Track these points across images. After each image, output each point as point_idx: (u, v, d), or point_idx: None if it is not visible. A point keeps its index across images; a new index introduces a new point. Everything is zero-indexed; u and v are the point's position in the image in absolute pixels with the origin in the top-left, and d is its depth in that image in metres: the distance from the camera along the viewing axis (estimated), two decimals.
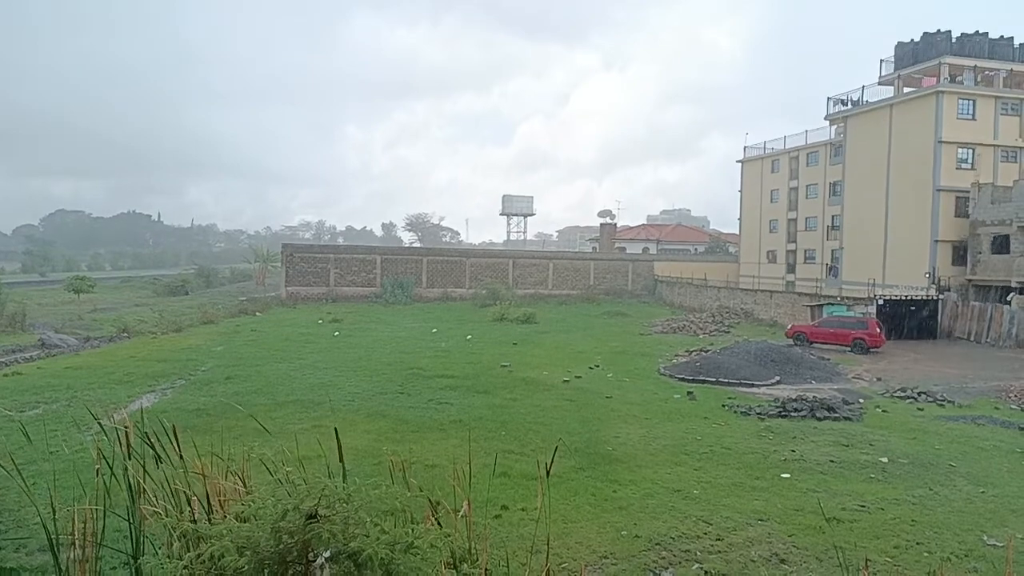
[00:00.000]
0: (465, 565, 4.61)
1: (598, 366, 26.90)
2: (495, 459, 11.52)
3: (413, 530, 4.04)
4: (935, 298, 38.44)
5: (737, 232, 75.12)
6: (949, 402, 21.38)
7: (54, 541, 5.89)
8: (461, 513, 5.90)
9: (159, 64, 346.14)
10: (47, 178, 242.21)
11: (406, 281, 58.19)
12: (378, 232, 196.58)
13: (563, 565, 8.65)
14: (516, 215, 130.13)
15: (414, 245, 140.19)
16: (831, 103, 51.83)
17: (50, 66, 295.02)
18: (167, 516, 5.81)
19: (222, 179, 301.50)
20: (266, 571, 3.65)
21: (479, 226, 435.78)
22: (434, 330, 38.34)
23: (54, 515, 5.99)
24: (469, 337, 35.26)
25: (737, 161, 71.51)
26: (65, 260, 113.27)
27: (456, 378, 23.05)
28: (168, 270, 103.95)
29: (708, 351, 29.93)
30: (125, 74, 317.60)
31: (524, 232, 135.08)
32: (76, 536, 5.71)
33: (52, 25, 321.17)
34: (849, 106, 50.43)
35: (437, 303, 56.46)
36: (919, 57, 45.53)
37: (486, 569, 5.46)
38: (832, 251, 55.52)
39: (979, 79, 44.74)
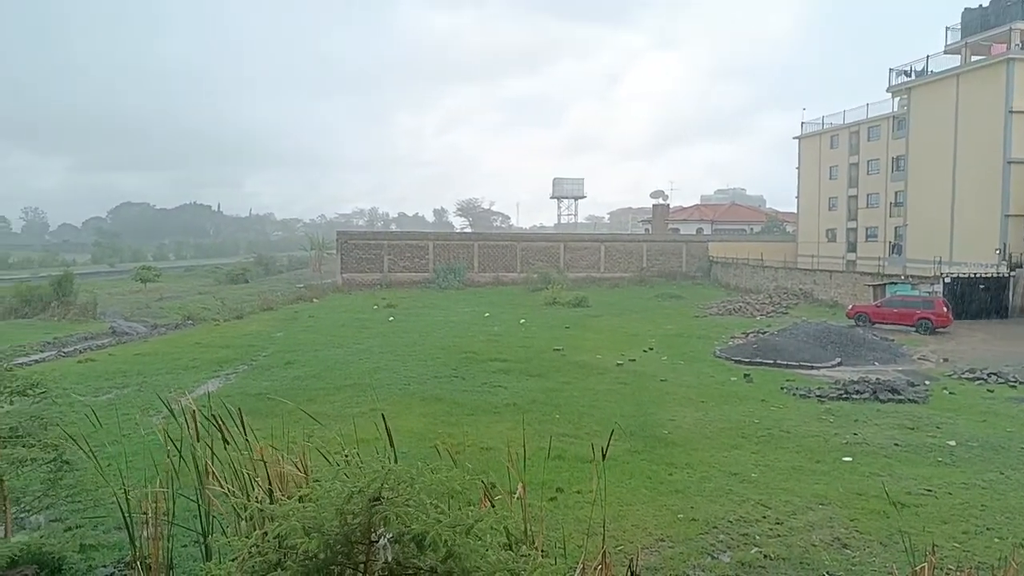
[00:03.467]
0: (523, 547, 4.65)
1: (652, 349, 26.68)
2: (549, 442, 11.55)
3: (471, 512, 4.09)
4: (1006, 275, 36.81)
5: (794, 211, 73.18)
6: (1021, 383, 20.52)
7: (128, 520, 6.17)
8: (516, 496, 5.94)
9: (212, 59, 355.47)
10: (113, 172, 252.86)
11: (458, 266, 58.60)
12: (430, 218, 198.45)
13: (619, 548, 8.64)
14: (567, 198, 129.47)
15: (465, 230, 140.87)
16: (893, 74, 49.80)
17: (111, 65, 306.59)
18: (233, 497, 6.02)
19: (277, 169, 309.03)
20: (330, 550, 3.76)
21: (529, 210, 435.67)
22: (486, 314, 38.54)
23: (127, 495, 6.27)
24: (523, 321, 35.34)
25: (794, 138, 69.57)
26: (132, 251, 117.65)
27: (509, 362, 23.16)
28: (228, 259, 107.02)
29: (765, 333, 29.37)
30: (181, 71, 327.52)
31: (575, 215, 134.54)
32: (149, 515, 5.96)
33: (110, 25, 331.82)
34: (912, 77, 48.39)
35: (489, 288, 56.72)
36: (988, 23, 43.35)
37: (542, 551, 5.50)
38: (895, 228, 53.65)
39: None
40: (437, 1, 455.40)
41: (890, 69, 49.95)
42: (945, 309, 31.82)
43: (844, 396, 18.36)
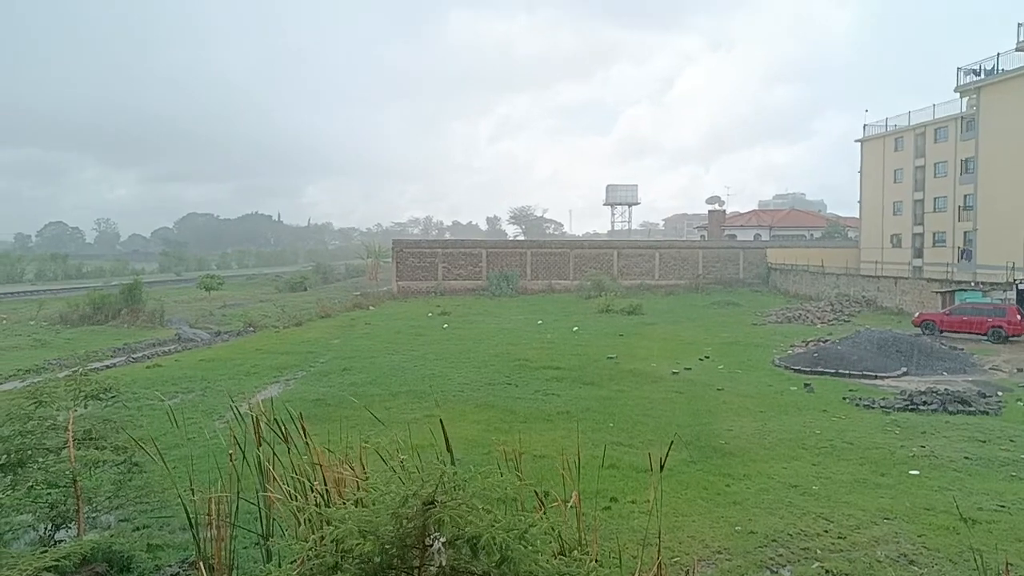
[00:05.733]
0: (576, 553, 4.64)
1: (708, 357, 26.23)
2: (603, 451, 11.47)
3: (524, 517, 4.11)
4: None
5: (857, 216, 71.18)
6: None
7: (193, 521, 6.37)
8: (570, 504, 5.92)
9: (271, 72, 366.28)
10: (179, 184, 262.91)
11: (511, 274, 58.81)
12: (483, 226, 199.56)
13: (675, 559, 8.52)
14: (620, 204, 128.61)
15: (518, 238, 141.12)
16: (961, 73, 48.01)
17: (174, 79, 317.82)
18: (292, 500, 6.16)
19: (335, 179, 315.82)
20: (386, 554, 3.82)
21: (583, 217, 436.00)
22: (539, 322, 38.52)
23: (193, 496, 6.49)
24: (576, 329, 35.21)
25: (856, 140, 67.69)
26: (197, 260, 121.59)
27: (562, 369, 23.09)
28: (288, 267, 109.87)
29: (827, 341, 28.58)
30: (241, 83, 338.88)
31: (629, 222, 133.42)
32: (212, 517, 6.15)
33: (172, 39, 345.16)
34: (982, 75, 46.55)
35: (541, 295, 56.70)
36: None
37: (597, 560, 5.46)
38: (964, 233, 51.59)
39: None
40: (488, 11, 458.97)
41: (958, 68, 48.19)
42: (1019, 317, 30.45)
43: (910, 407, 17.73)
